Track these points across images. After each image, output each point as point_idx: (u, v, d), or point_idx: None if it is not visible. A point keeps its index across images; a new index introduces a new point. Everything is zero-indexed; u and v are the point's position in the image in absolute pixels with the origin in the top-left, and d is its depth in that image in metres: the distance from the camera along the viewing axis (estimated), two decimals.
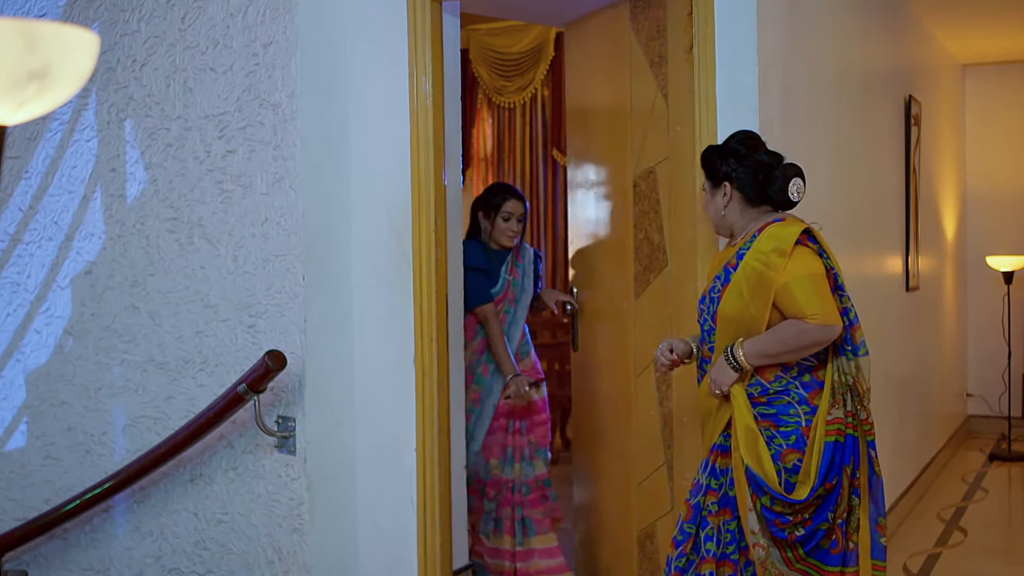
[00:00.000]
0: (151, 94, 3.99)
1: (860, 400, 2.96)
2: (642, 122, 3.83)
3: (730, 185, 3.06)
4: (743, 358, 2.90)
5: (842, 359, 2.96)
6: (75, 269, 4.19)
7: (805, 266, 2.90)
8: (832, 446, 2.85)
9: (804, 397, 2.92)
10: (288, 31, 3.68)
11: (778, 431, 2.91)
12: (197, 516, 3.94)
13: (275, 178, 3.72)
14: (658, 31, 3.74)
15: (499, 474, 4.20)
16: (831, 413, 2.89)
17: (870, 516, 2.99)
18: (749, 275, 2.92)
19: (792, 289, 2.87)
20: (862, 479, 2.95)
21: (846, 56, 4.95)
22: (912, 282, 6.34)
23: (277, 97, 3.70)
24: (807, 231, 2.96)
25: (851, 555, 2.93)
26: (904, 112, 6.23)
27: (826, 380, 2.93)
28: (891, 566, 5.01)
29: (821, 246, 2.98)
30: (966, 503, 6.35)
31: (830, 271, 2.96)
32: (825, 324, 2.84)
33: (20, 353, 4.33)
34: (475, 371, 4.19)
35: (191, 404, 3.92)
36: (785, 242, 2.90)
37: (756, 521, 2.90)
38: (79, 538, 4.19)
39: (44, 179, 4.25)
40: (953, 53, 8.09)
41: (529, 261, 4.44)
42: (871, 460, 3.00)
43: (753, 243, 2.96)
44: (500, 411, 4.21)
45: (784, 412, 2.92)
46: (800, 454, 2.88)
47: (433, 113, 3.81)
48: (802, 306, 2.85)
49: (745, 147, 3.08)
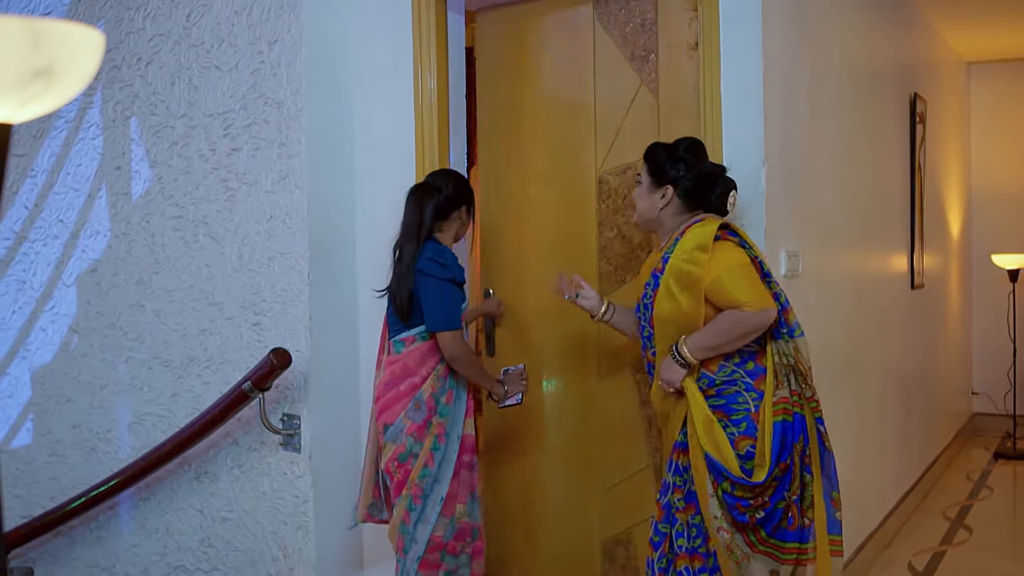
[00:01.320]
0: (156, 92, 4.00)
1: (804, 379, 3.04)
2: (614, 117, 3.77)
3: (673, 189, 3.16)
4: (688, 353, 2.99)
5: (780, 342, 3.04)
6: (81, 267, 4.19)
7: (731, 258, 3.00)
8: (781, 425, 2.94)
9: (750, 384, 3.00)
10: (293, 29, 3.68)
11: (730, 420, 2.98)
12: (202, 513, 3.95)
13: (280, 176, 3.72)
14: (643, 24, 3.71)
15: (467, 520, 3.36)
16: (776, 394, 2.97)
17: (824, 491, 3.06)
18: (676, 275, 3.03)
19: (723, 282, 2.96)
20: (813, 455, 3.03)
21: (851, 53, 4.94)
22: (917, 280, 6.33)
23: (282, 95, 3.71)
24: (725, 226, 3.08)
25: (807, 531, 3.01)
26: (909, 110, 6.22)
27: (767, 364, 3.03)
28: (896, 564, 5.01)
29: (742, 237, 3.08)
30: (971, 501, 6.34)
31: (755, 260, 3.05)
32: (761, 309, 2.94)
33: (26, 351, 4.33)
34: (438, 400, 3.33)
35: (196, 402, 3.93)
36: (706, 238, 3.00)
37: (718, 506, 2.98)
38: (85, 535, 4.20)
39: (50, 177, 4.26)
40: (958, 50, 8.08)
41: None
42: (820, 435, 3.07)
43: (676, 246, 3.07)
44: (465, 445, 3.37)
45: (733, 401, 2.99)
46: (752, 440, 2.94)
47: (438, 111, 3.81)
48: (736, 296, 2.95)
49: (694, 156, 3.18)
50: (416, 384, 3.31)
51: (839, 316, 4.60)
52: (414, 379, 3.31)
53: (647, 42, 3.72)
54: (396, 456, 3.29)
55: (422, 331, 3.32)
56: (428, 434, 3.30)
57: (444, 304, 3.27)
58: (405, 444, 3.28)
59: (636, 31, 3.73)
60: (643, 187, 3.21)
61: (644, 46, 3.72)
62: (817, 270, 4.20)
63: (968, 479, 6.93)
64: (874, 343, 5.31)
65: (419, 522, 3.28)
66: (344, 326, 3.81)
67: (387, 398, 3.32)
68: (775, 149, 3.63)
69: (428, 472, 3.29)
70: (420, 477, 3.28)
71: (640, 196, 3.22)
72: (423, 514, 3.28)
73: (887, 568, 4.98)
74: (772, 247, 3.60)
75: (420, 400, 3.30)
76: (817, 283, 4.21)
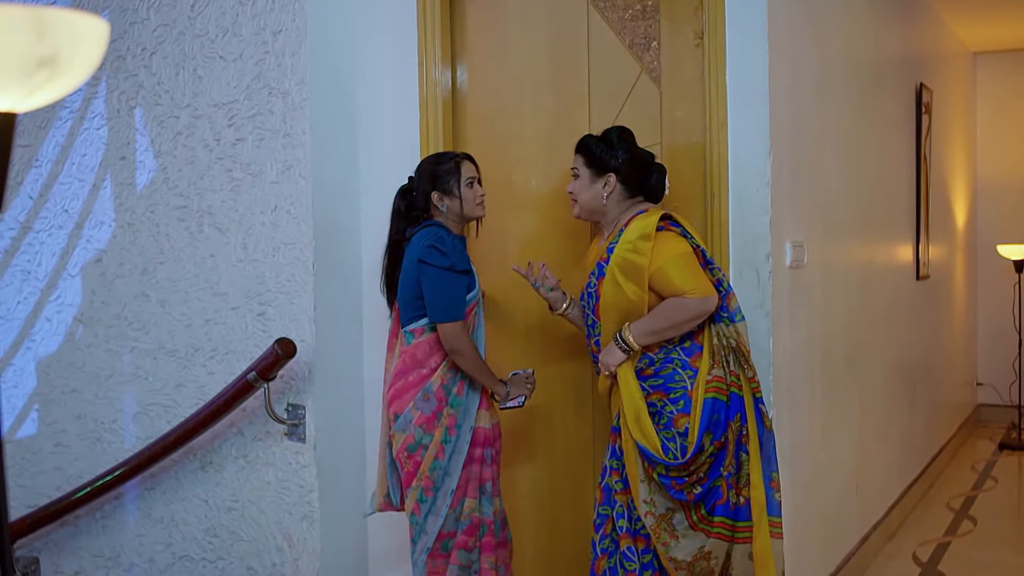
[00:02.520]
0: (161, 82, 3.99)
1: (745, 359, 3.13)
2: (611, 104, 3.74)
3: (615, 177, 3.23)
4: (631, 339, 3.08)
5: (720, 325, 3.14)
6: (85, 257, 4.20)
7: (674, 248, 3.10)
8: (711, 402, 3.03)
9: (687, 362, 3.10)
10: (298, 19, 3.68)
11: (668, 399, 3.08)
12: (207, 503, 3.96)
13: (285, 166, 3.72)
14: (643, 11, 3.70)
15: (478, 515, 3.31)
16: (711, 373, 3.06)
17: (763, 472, 3.11)
18: (620, 264, 3.11)
19: (667, 271, 3.06)
20: (751, 435, 3.09)
21: (857, 43, 4.93)
22: (923, 271, 6.32)
23: (287, 85, 3.70)
24: (667, 216, 3.16)
25: (741, 509, 3.07)
26: (915, 100, 6.21)
27: (704, 342, 3.11)
28: (901, 555, 5.02)
29: (684, 227, 3.16)
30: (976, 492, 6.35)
31: (697, 249, 3.14)
32: (703, 296, 3.04)
33: (31, 341, 4.34)
34: (449, 391, 3.27)
35: (201, 392, 3.93)
36: (649, 228, 3.10)
37: (648, 491, 3.07)
38: (90, 525, 4.21)
39: (54, 167, 4.26)
40: (964, 41, 8.05)
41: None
42: (760, 415, 3.13)
43: (621, 236, 3.15)
44: (477, 438, 3.32)
45: (671, 380, 3.09)
46: (689, 417, 3.04)
47: (444, 102, 3.80)
48: (678, 284, 3.05)
49: (628, 143, 3.26)
50: (425, 376, 3.28)
51: (844, 306, 4.59)
52: (423, 370, 3.29)
53: (648, 29, 3.71)
54: (405, 447, 3.28)
55: (428, 321, 3.28)
56: (439, 425, 3.25)
57: (444, 293, 3.21)
58: (414, 435, 3.26)
59: (636, 18, 3.72)
60: (582, 180, 3.27)
61: (645, 34, 3.71)
62: (822, 260, 4.20)
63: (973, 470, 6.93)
64: (879, 334, 5.30)
65: (430, 514, 3.27)
66: (349, 316, 3.81)
67: (397, 387, 3.32)
68: (781, 139, 3.63)
69: (439, 464, 3.25)
70: (431, 469, 3.25)
71: (581, 189, 3.28)
72: (434, 506, 3.27)
73: (892, 559, 4.99)
74: (777, 237, 3.60)
75: (429, 392, 3.26)
76: (822, 273, 4.21)
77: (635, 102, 3.72)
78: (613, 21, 3.73)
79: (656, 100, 3.70)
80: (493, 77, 3.86)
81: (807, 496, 4.00)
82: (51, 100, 1.40)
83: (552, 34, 3.80)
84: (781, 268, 3.66)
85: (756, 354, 3.55)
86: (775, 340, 3.57)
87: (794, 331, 3.82)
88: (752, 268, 3.53)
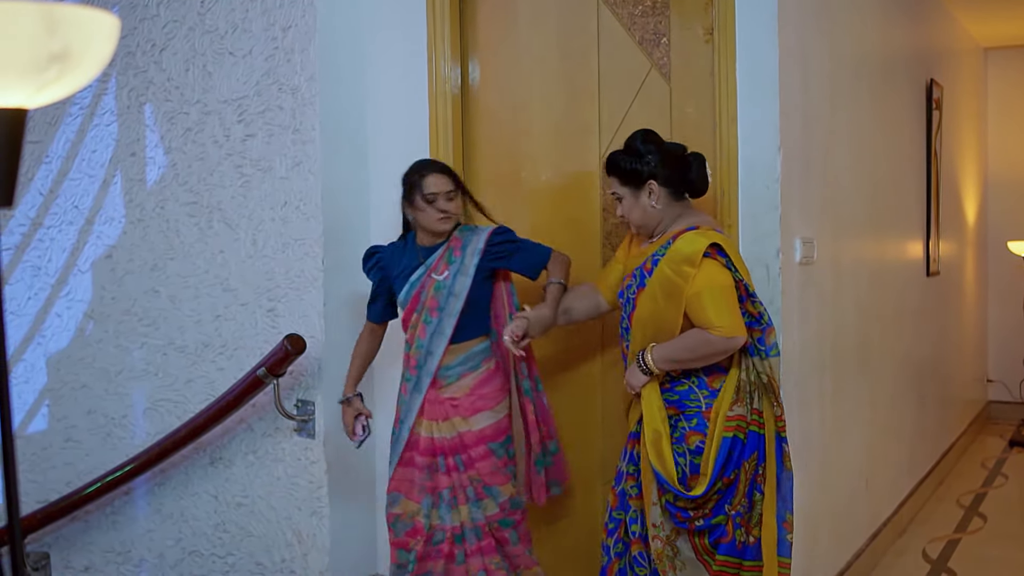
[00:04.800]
0: (171, 78, 4.00)
1: (774, 397, 3.05)
2: (621, 100, 3.73)
3: (656, 182, 3.12)
4: (651, 363, 3.03)
5: (755, 359, 3.05)
6: (95, 253, 4.20)
7: (716, 278, 3.00)
8: (730, 441, 2.96)
9: (704, 381, 3.05)
10: (307, 15, 3.68)
11: (682, 415, 3.05)
12: (217, 499, 3.97)
13: (294, 162, 3.72)
14: (653, 7, 3.69)
15: (421, 520, 3.34)
16: (732, 410, 2.99)
17: (777, 512, 3.06)
18: (663, 282, 3.04)
19: (704, 299, 2.97)
20: (768, 474, 3.03)
21: (867, 39, 4.91)
22: (933, 267, 6.30)
23: (296, 81, 3.70)
24: (716, 245, 3.04)
25: (749, 548, 3.01)
26: (925, 96, 6.19)
27: (729, 378, 3.04)
28: (911, 552, 5.01)
29: (729, 259, 3.05)
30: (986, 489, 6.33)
31: (739, 283, 3.03)
32: (730, 336, 2.96)
33: (41, 337, 4.35)
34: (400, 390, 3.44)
35: (211, 387, 3.94)
36: (696, 255, 2.99)
37: (659, 515, 3.04)
38: (100, 520, 4.22)
39: (64, 163, 4.26)
40: (975, 36, 8.02)
41: (473, 253, 3.34)
42: (780, 456, 3.07)
43: (668, 249, 3.06)
44: (419, 445, 3.35)
45: (686, 396, 3.05)
46: (702, 435, 3.00)
47: (453, 98, 3.80)
48: (711, 316, 2.96)
49: (655, 144, 3.16)
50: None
51: (854, 303, 4.58)
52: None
53: (658, 25, 3.70)
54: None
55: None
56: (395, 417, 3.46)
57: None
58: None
59: (646, 14, 3.71)
60: (627, 200, 3.17)
61: (655, 29, 3.70)
62: (832, 257, 4.19)
63: (983, 467, 6.92)
64: (889, 330, 5.29)
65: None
66: (358, 312, 3.81)
67: None
68: (791, 135, 3.62)
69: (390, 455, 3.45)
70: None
71: (630, 209, 3.17)
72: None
73: (901, 555, 4.97)
74: (787, 234, 3.59)
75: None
76: (832, 270, 4.20)
77: (645, 98, 3.71)
78: (623, 17, 3.72)
79: (666, 96, 3.70)
80: (503, 73, 3.85)
81: (817, 493, 4.00)
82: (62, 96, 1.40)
83: (562, 30, 3.79)
84: (791, 264, 3.65)
85: None
86: (785, 336, 3.56)
87: (804, 327, 3.81)
88: (762, 264, 3.52)
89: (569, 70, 3.79)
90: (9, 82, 1.31)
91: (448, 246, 3.37)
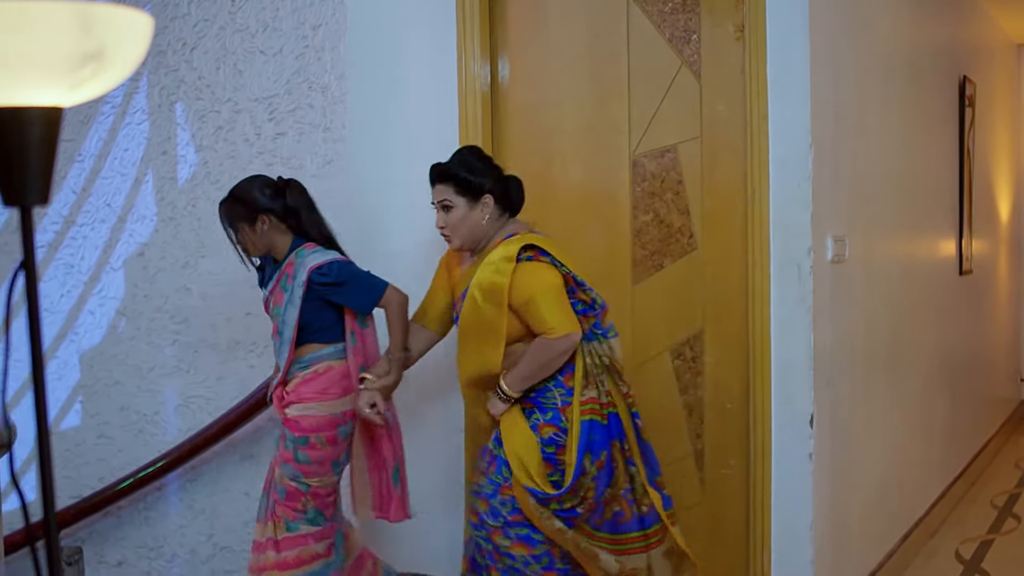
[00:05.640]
0: (201, 77, 4.02)
1: (619, 375, 3.17)
2: (649, 97, 3.73)
3: (492, 197, 3.19)
4: (508, 389, 3.11)
5: (594, 343, 3.15)
6: (128, 251, 4.23)
7: (545, 279, 3.09)
8: (588, 424, 3.07)
9: (560, 380, 3.13)
10: (337, 13, 3.69)
11: (537, 408, 3.13)
12: (248, 495, 3.98)
13: (324, 160, 3.74)
14: (683, 5, 3.67)
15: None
16: (584, 394, 3.10)
17: (649, 479, 3.16)
18: (481, 283, 3.12)
19: (538, 303, 3.07)
20: (633, 449, 3.14)
21: (899, 36, 4.88)
22: (966, 265, 6.24)
23: (326, 79, 3.72)
24: (534, 246, 3.11)
25: (647, 518, 3.13)
26: (958, 93, 6.13)
27: (577, 364, 3.12)
28: (943, 553, 4.97)
29: (552, 255, 3.12)
30: (1019, 489, 6.27)
31: (567, 275, 3.12)
32: (564, 335, 3.06)
33: (74, 334, 4.38)
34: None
35: (242, 385, 3.96)
36: (511, 252, 3.09)
37: (560, 521, 3.07)
38: (133, 516, 4.25)
39: (97, 162, 4.30)
40: (1009, 32, 7.94)
41: (299, 285, 3.32)
42: (637, 429, 3.16)
43: (485, 259, 3.15)
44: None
45: (542, 395, 3.14)
46: (556, 428, 3.10)
47: (483, 96, 3.79)
48: (546, 318, 3.06)
49: (489, 163, 3.25)
50: None
51: (885, 301, 4.55)
52: None
53: (688, 23, 3.69)
54: None
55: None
56: None
57: None
58: None
59: (676, 11, 3.70)
60: (458, 210, 3.18)
61: (685, 27, 3.69)
62: (863, 255, 4.16)
63: (1017, 467, 6.85)
64: (921, 329, 5.25)
65: None
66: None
67: None
68: (822, 133, 3.59)
69: None
70: None
71: (460, 220, 3.19)
72: None
73: (933, 556, 4.93)
74: (818, 232, 3.57)
75: None
76: (863, 268, 4.17)
77: (675, 95, 3.70)
78: (653, 14, 3.71)
79: (696, 94, 3.68)
80: (533, 71, 3.85)
81: (847, 492, 3.97)
82: (97, 95, 1.41)
83: (592, 27, 3.79)
84: (822, 263, 3.63)
85: (797, 348, 3.53)
86: (816, 335, 3.54)
87: (835, 326, 3.79)
88: (793, 263, 3.50)
89: (599, 68, 3.79)
90: (44, 81, 1.32)
91: (283, 271, 3.40)
